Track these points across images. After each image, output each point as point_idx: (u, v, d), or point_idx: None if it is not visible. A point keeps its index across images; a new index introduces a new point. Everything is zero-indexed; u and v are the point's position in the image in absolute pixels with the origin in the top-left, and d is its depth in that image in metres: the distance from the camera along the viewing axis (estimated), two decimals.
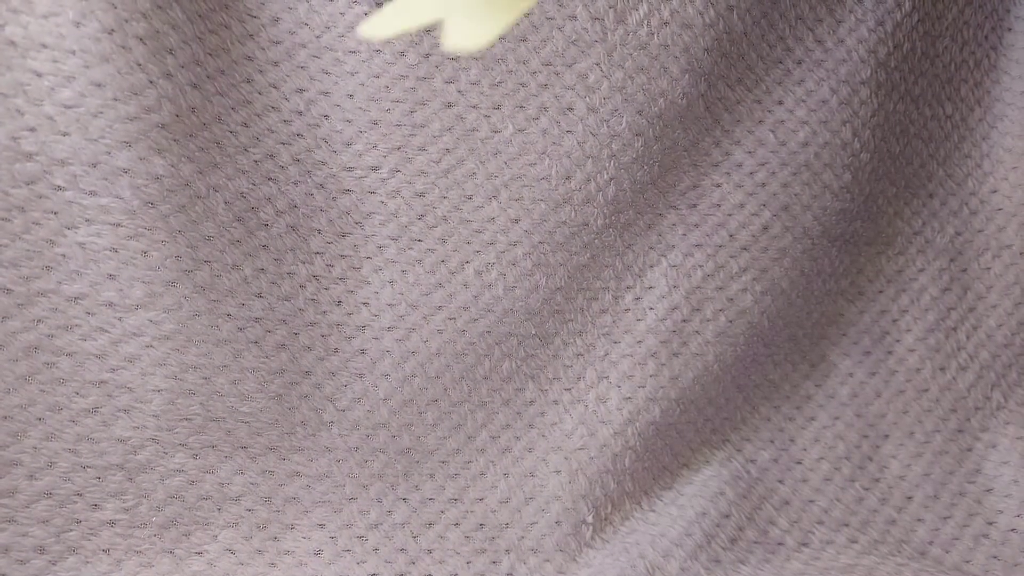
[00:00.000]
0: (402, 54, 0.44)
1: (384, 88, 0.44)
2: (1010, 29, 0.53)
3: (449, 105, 0.45)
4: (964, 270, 0.53)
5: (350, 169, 0.45)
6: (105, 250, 0.39)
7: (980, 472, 0.49)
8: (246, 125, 0.43)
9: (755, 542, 0.46)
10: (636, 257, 0.49)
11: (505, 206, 0.46)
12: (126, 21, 0.37)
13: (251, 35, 0.43)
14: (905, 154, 0.52)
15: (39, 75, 0.37)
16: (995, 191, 0.53)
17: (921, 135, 0.52)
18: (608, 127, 0.46)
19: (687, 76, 0.46)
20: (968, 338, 0.53)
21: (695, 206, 0.49)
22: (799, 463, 0.50)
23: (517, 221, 0.46)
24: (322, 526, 0.44)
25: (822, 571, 0.43)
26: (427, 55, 0.44)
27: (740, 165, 0.49)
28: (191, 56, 0.40)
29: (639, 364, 0.48)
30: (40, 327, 0.39)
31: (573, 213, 0.46)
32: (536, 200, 0.46)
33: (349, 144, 0.45)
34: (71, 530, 0.41)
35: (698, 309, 0.49)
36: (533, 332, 0.48)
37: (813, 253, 0.50)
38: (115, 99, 0.37)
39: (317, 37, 0.43)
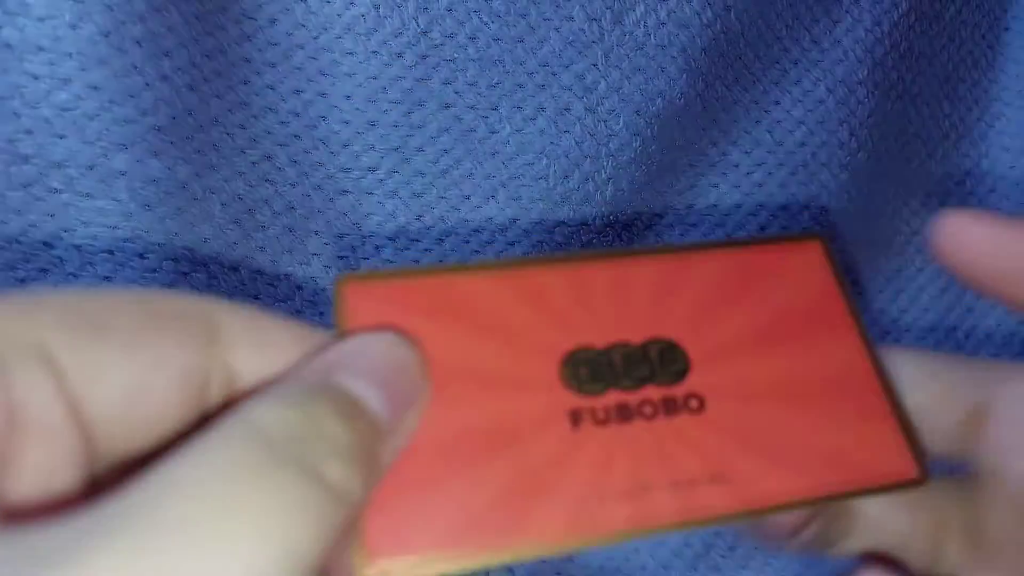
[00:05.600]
0: (399, 55, 0.44)
1: (381, 90, 0.44)
2: (1007, 28, 0.53)
3: (447, 106, 0.45)
4: None
5: (348, 170, 0.45)
6: (101, 252, 0.39)
7: None
8: (243, 127, 0.43)
9: (755, 548, 0.46)
10: None
11: (503, 206, 0.46)
12: (123, 24, 0.37)
13: (248, 37, 0.43)
14: (903, 154, 0.52)
15: (36, 78, 0.37)
16: (992, 191, 0.53)
17: (919, 135, 0.52)
18: (606, 127, 0.46)
19: (684, 76, 0.46)
20: (966, 338, 0.52)
21: (692, 206, 0.49)
22: None
23: (515, 221, 0.46)
24: None
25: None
26: (424, 56, 0.44)
27: (737, 165, 0.49)
28: (188, 59, 0.40)
29: None
30: None
31: (571, 212, 0.46)
32: (534, 200, 0.46)
33: (346, 145, 0.44)
34: None
35: None
36: None
37: None
38: (111, 102, 0.37)
39: (314, 39, 0.43)
